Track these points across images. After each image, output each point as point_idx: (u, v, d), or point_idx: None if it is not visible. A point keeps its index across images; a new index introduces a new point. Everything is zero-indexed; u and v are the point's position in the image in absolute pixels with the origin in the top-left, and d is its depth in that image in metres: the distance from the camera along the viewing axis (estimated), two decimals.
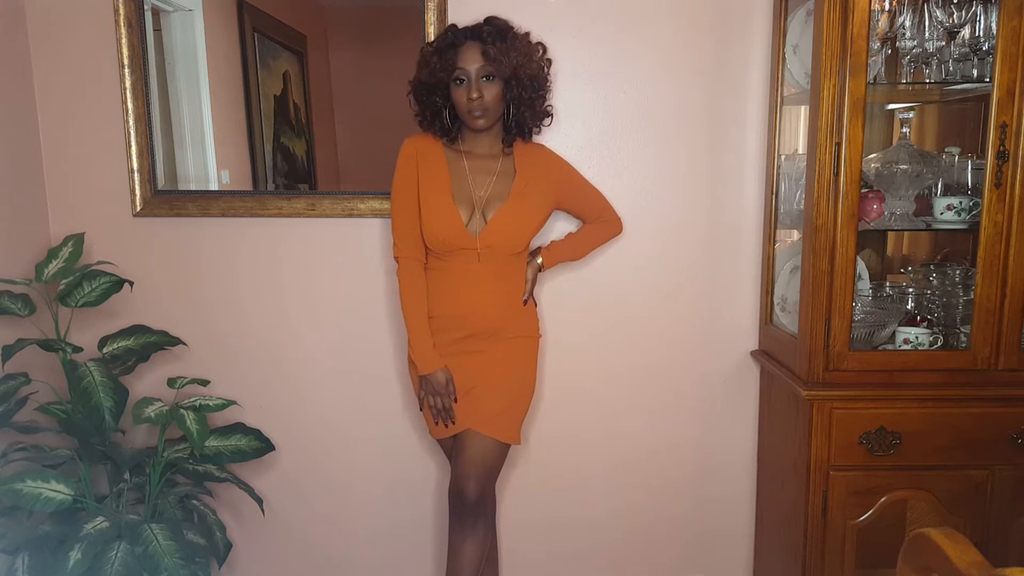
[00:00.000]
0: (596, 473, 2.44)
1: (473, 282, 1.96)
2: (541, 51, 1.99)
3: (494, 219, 1.94)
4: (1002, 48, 1.84)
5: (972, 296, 1.98)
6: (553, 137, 2.25)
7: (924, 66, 2.04)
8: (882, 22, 1.97)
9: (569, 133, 2.27)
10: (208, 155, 2.31)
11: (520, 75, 1.91)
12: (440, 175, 1.97)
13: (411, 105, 2.02)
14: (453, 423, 1.97)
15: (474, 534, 1.97)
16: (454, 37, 1.90)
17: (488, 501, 2.01)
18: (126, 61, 2.17)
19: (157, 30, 2.21)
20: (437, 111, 1.96)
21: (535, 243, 2.08)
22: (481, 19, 1.93)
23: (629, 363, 2.38)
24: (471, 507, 1.96)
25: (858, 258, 1.98)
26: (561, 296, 2.33)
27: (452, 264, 1.96)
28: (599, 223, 2.16)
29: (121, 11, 2.15)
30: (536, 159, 2.04)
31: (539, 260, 2.10)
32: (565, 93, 2.24)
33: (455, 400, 1.97)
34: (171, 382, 2.10)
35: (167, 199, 2.26)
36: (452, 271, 1.96)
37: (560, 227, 2.27)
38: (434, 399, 1.98)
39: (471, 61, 1.88)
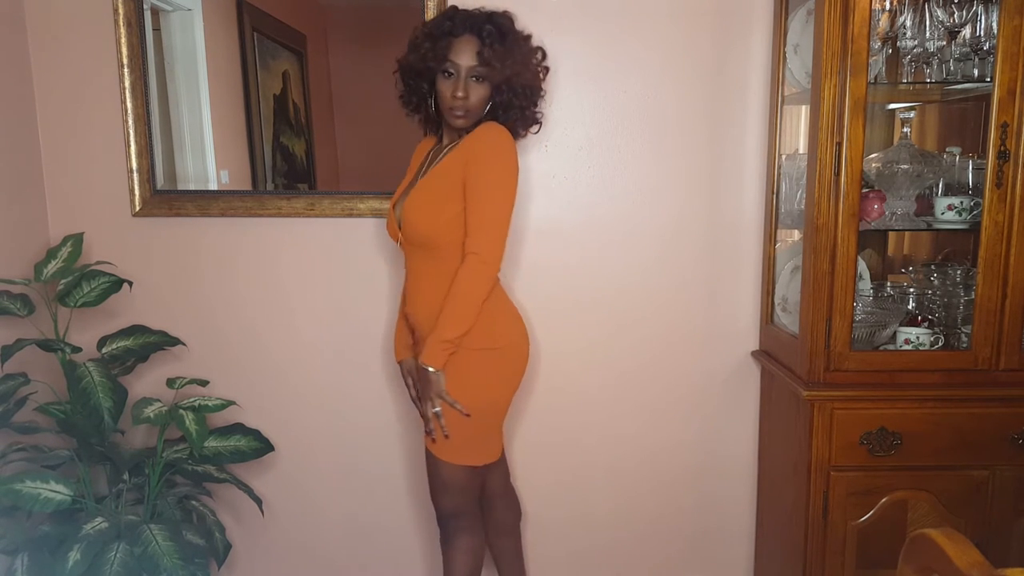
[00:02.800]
0: (596, 474, 2.44)
1: (410, 279, 1.91)
2: (540, 57, 1.88)
3: (403, 209, 1.85)
4: (1003, 48, 1.83)
5: (973, 296, 1.98)
6: (553, 137, 2.24)
7: (925, 66, 2.04)
8: (883, 22, 1.97)
9: (569, 133, 2.26)
10: (207, 155, 2.30)
11: (513, 83, 1.80)
12: (412, 170, 1.97)
13: (396, 84, 1.92)
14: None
15: (457, 544, 1.93)
16: (451, 26, 1.79)
17: (464, 515, 1.93)
18: (125, 61, 2.17)
19: (156, 30, 2.21)
20: (423, 96, 1.88)
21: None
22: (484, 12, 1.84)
23: (629, 363, 2.38)
24: (443, 521, 1.94)
25: (859, 258, 1.97)
26: (561, 297, 2.33)
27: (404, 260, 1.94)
28: (456, 275, 1.76)
29: (120, 11, 2.14)
30: (470, 138, 1.81)
31: (417, 360, 1.82)
32: (565, 93, 2.24)
33: (414, 397, 1.98)
34: (170, 382, 2.10)
35: (166, 199, 2.26)
36: (406, 268, 1.94)
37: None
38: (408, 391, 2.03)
39: (464, 57, 1.77)
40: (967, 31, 1.96)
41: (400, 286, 2.31)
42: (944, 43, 1.97)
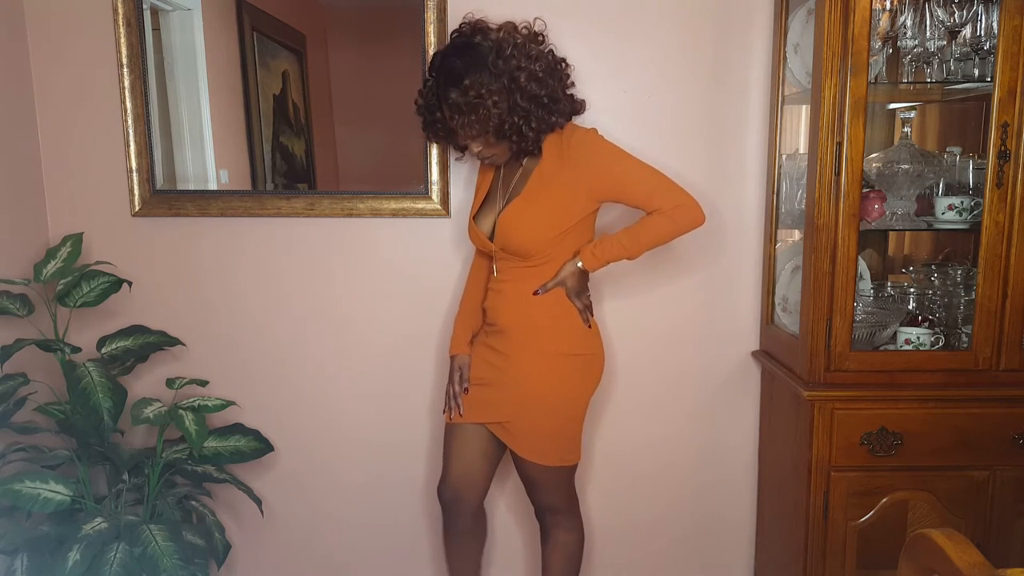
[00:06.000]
0: (594, 474, 2.44)
1: (498, 281, 1.96)
2: (521, 61, 1.79)
3: (500, 221, 1.90)
4: (1003, 47, 1.83)
5: (973, 296, 1.98)
6: None
7: (925, 65, 2.03)
8: (883, 21, 1.97)
9: None
10: (207, 154, 2.30)
11: (501, 115, 1.78)
12: (484, 183, 2.03)
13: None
14: (460, 415, 1.99)
15: (552, 540, 2.05)
16: (434, 97, 1.85)
17: (558, 512, 2.04)
18: (125, 60, 2.16)
19: (156, 29, 2.21)
20: (461, 147, 2.00)
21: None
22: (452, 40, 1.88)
23: (628, 363, 2.38)
24: (539, 516, 2.07)
25: (859, 258, 1.97)
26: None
27: (493, 264, 1.99)
28: (657, 214, 1.83)
29: (120, 10, 2.14)
30: (562, 146, 1.86)
31: (578, 261, 1.88)
32: None
33: (465, 391, 2.00)
34: (170, 382, 2.10)
35: (166, 199, 2.26)
36: (494, 269, 2.00)
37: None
38: (448, 384, 2.04)
39: (452, 123, 1.84)
40: (967, 31, 1.96)
41: (397, 285, 2.33)
42: (944, 43, 1.97)
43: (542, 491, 2.00)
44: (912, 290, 2.20)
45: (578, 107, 1.96)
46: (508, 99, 1.79)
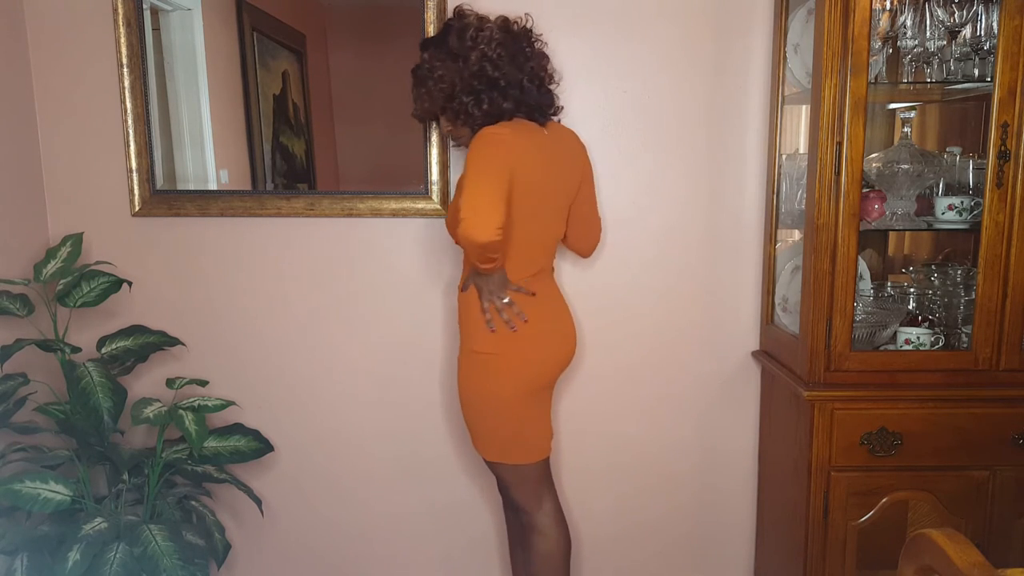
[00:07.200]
0: (595, 474, 2.44)
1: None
2: (479, 43, 1.79)
3: None
4: (1003, 47, 1.83)
5: (973, 296, 1.97)
6: None
7: (925, 65, 2.04)
8: (883, 21, 1.97)
9: None
10: (207, 154, 2.30)
11: (446, 103, 1.85)
12: None
13: None
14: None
15: (529, 543, 1.97)
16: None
17: (530, 512, 1.96)
18: (125, 60, 2.16)
19: (156, 29, 2.21)
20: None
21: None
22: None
23: (628, 364, 2.38)
24: (520, 516, 2.00)
25: (859, 258, 1.97)
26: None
27: None
28: None
29: (120, 10, 2.14)
30: None
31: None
32: (565, 93, 2.23)
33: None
34: (170, 382, 2.10)
35: (166, 199, 2.26)
36: None
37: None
38: None
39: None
40: (967, 31, 1.96)
41: (397, 285, 2.33)
42: (944, 43, 1.97)
43: (502, 487, 2.00)
44: (912, 290, 2.20)
45: (546, 101, 1.90)
46: (458, 77, 1.81)
